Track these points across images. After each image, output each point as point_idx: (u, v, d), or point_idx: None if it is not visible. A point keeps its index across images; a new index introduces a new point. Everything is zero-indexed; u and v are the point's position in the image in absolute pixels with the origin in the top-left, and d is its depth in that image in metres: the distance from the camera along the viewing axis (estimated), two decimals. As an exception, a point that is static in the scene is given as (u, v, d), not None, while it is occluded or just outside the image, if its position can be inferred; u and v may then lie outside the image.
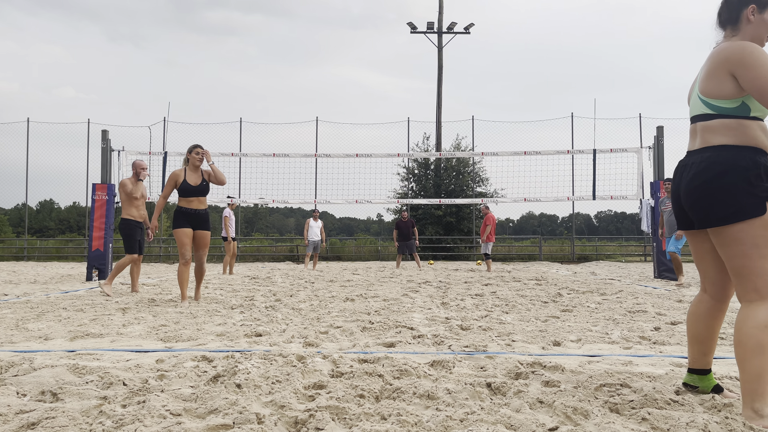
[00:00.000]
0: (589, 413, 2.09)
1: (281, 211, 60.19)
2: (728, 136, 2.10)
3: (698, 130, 2.20)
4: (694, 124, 2.23)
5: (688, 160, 2.21)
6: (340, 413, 2.12)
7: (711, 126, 2.15)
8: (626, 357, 3.20)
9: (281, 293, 7.06)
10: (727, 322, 4.33)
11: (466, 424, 1.99)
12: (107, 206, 10.24)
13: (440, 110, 23.74)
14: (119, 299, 6.31)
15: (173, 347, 3.51)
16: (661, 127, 10.73)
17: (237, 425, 1.98)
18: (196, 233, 6.02)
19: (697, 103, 2.20)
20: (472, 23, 23.80)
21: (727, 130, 2.11)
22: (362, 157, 11.94)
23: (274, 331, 4.04)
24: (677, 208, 2.29)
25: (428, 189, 22.75)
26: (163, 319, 4.74)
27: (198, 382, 2.58)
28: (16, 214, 32.54)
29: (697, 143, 2.19)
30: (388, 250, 22.44)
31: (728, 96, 2.10)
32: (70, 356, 3.17)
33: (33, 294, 7.12)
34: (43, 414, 2.05)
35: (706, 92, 2.16)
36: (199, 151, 6.09)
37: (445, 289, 7.74)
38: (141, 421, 1.99)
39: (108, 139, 10.64)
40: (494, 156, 12.04)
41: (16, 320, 4.63)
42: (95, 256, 10.08)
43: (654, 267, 10.46)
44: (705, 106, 2.17)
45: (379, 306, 5.61)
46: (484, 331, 4.11)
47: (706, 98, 2.16)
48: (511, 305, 5.73)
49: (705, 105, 2.17)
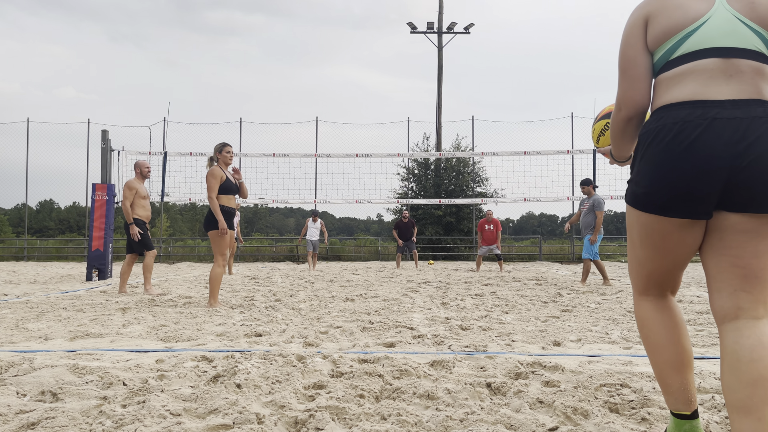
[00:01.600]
0: (589, 413, 2.09)
1: (281, 211, 60.22)
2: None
3: (747, 71, 1.50)
4: (737, 60, 1.51)
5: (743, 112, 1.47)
6: (340, 413, 2.12)
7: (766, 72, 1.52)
8: (626, 357, 3.20)
9: (281, 293, 7.06)
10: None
11: (466, 424, 1.99)
12: (107, 206, 10.23)
13: (440, 110, 23.75)
14: (119, 299, 6.30)
15: (173, 347, 3.51)
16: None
17: (237, 425, 1.98)
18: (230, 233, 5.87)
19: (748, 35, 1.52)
20: (472, 23, 23.80)
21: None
22: (362, 157, 11.94)
23: (274, 331, 4.04)
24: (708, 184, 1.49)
25: (428, 189, 22.75)
26: (163, 319, 4.74)
27: (198, 382, 2.58)
28: (16, 214, 32.55)
29: (750, 91, 1.49)
30: (388, 250, 22.44)
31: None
32: (70, 356, 3.17)
33: (33, 294, 7.12)
34: (43, 414, 2.05)
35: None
36: (230, 150, 5.88)
37: (445, 289, 7.74)
38: (141, 421, 1.99)
39: (108, 139, 10.64)
40: (494, 156, 12.06)
41: (16, 320, 4.63)
42: (95, 256, 10.08)
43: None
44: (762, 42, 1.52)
45: (379, 306, 5.61)
46: (484, 331, 4.11)
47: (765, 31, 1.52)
48: (511, 305, 5.73)
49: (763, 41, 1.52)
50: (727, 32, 1.51)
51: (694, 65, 1.53)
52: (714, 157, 1.46)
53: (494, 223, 13.26)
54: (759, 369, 1.42)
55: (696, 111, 1.49)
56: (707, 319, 4.65)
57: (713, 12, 1.53)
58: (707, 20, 1.53)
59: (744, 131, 1.45)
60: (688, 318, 4.72)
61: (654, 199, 1.55)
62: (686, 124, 1.49)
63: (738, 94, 1.48)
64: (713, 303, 1.59)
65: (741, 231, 1.51)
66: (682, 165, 1.49)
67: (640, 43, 1.61)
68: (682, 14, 1.54)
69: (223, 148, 5.87)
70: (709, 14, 1.53)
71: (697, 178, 1.48)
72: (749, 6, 1.51)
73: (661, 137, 1.53)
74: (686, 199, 1.51)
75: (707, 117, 1.47)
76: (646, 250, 1.64)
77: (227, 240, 5.69)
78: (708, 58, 1.51)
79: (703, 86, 1.51)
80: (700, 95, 1.50)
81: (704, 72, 1.51)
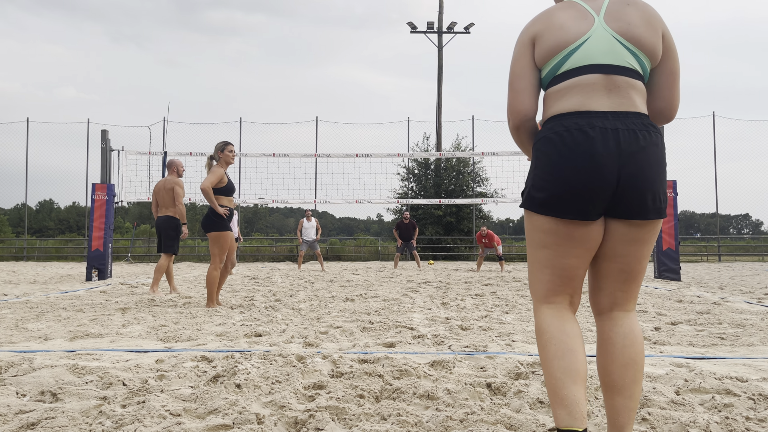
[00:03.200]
0: (589, 413, 2.09)
1: (281, 211, 60.20)
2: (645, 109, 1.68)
3: (624, 86, 1.64)
4: (615, 76, 1.64)
5: (623, 124, 1.60)
6: (340, 413, 2.11)
7: (639, 88, 1.67)
8: (626, 357, 3.20)
9: (281, 293, 7.06)
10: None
11: (466, 425, 1.99)
12: (107, 206, 10.23)
13: (440, 110, 23.75)
14: (119, 299, 6.30)
15: (173, 347, 3.51)
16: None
17: (237, 425, 1.98)
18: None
19: (624, 53, 1.65)
20: (472, 23, 23.82)
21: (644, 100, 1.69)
22: (362, 157, 11.93)
23: (273, 331, 4.03)
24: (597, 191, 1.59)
25: (428, 189, 22.75)
26: (163, 319, 4.74)
27: (198, 383, 2.58)
28: (15, 214, 32.54)
29: (628, 104, 1.64)
30: (388, 250, 22.45)
31: (657, 60, 1.70)
32: (70, 356, 3.17)
33: (33, 294, 7.12)
34: (43, 414, 2.05)
35: (643, 44, 1.66)
36: (232, 149, 5.71)
37: (445, 289, 7.74)
38: (141, 422, 1.99)
39: (108, 138, 10.64)
40: (494, 156, 12.05)
41: (16, 320, 4.63)
42: (95, 256, 10.08)
43: (654, 267, 10.46)
44: (635, 60, 1.66)
45: (379, 306, 5.61)
46: (485, 331, 4.10)
47: (639, 51, 1.66)
48: (512, 305, 5.73)
49: (635, 59, 1.66)
50: (605, 51, 1.65)
51: (578, 80, 1.65)
52: (600, 162, 1.58)
53: (489, 237, 13.51)
54: (630, 353, 1.64)
55: (582, 120, 1.62)
56: (707, 320, 4.65)
57: (593, 32, 1.66)
58: (587, 39, 1.66)
59: (624, 141, 1.58)
60: (688, 318, 4.72)
61: (549, 202, 1.64)
62: (574, 132, 1.61)
63: (617, 106, 1.62)
64: (593, 297, 1.76)
65: (629, 240, 1.66)
66: (571, 169, 1.60)
67: (526, 60, 1.73)
68: (565, 34, 1.67)
69: (225, 147, 5.67)
70: (589, 33, 1.66)
71: (585, 180, 1.59)
72: (625, 26, 1.65)
73: (551, 145, 1.64)
74: (577, 201, 1.60)
75: (593, 126, 1.60)
76: (545, 252, 1.70)
77: (227, 241, 5.61)
78: (590, 73, 1.65)
79: (587, 98, 1.64)
80: (584, 106, 1.63)
81: (587, 86, 1.65)
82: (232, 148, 5.72)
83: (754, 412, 2.13)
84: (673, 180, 10.29)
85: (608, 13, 1.67)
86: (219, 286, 5.66)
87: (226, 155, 5.66)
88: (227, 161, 5.67)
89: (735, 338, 3.79)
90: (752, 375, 2.77)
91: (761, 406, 2.20)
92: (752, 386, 2.45)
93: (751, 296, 6.84)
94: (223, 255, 5.63)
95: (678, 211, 10.44)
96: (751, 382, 2.56)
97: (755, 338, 3.77)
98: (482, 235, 13.64)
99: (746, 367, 2.98)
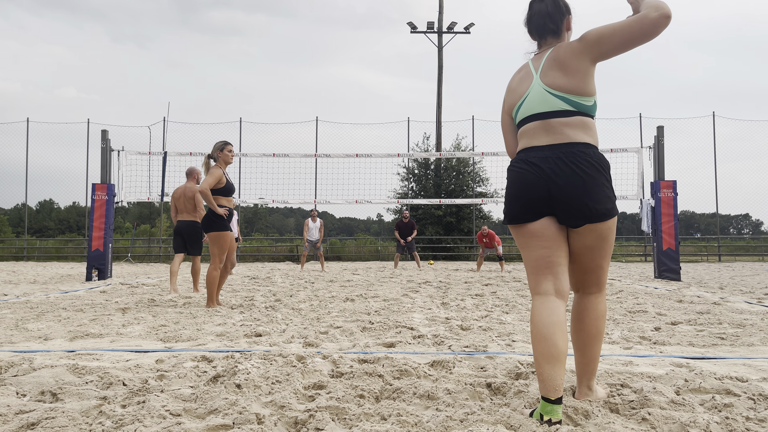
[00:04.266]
0: (589, 413, 2.09)
1: (281, 211, 60.18)
2: (588, 135, 2.16)
3: (557, 126, 2.16)
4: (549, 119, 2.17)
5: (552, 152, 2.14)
6: (340, 413, 2.11)
7: (571, 123, 2.16)
8: (626, 357, 3.20)
9: (281, 293, 7.06)
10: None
11: (466, 425, 1.99)
12: (107, 206, 10.23)
13: (440, 110, 23.75)
14: (119, 299, 6.30)
15: (173, 347, 3.51)
16: (662, 127, 10.73)
17: (237, 425, 1.97)
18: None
19: (554, 101, 2.16)
20: (472, 23, 23.81)
21: (586, 128, 2.16)
22: (362, 157, 11.92)
23: (274, 332, 4.03)
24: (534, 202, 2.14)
25: (428, 189, 22.75)
26: (163, 319, 4.74)
27: (198, 383, 2.58)
28: (15, 214, 32.53)
29: (560, 138, 2.15)
30: (388, 250, 22.45)
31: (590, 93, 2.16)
32: (70, 356, 3.17)
33: (33, 294, 7.12)
34: (43, 414, 2.05)
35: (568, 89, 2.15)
36: (231, 149, 5.68)
37: (445, 290, 7.73)
38: (141, 422, 1.99)
39: (108, 139, 10.64)
40: (494, 156, 12.03)
41: (16, 320, 4.63)
42: (95, 256, 10.08)
43: (654, 267, 10.46)
44: (565, 102, 2.15)
45: (379, 306, 5.61)
46: (485, 331, 4.10)
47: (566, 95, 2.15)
48: (512, 305, 5.73)
49: (565, 102, 2.15)
50: (540, 102, 2.20)
51: (526, 126, 2.25)
52: (532, 181, 2.15)
53: (490, 236, 13.54)
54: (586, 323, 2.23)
55: (525, 154, 2.22)
56: (707, 320, 4.65)
57: (531, 89, 2.23)
58: (527, 96, 2.24)
59: (549, 167, 2.13)
60: (688, 318, 4.72)
61: (514, 214, 2.20)
62: (522, 162, 2.21)
63: (552, 140, 2.17)
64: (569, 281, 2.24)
65: (582, 246, 2.18)
66: (517, 189, 2.19)
67: (505, 116, 2.38)
68: (515, 95, 2.30)
69: (225, 146, 5.64)
70: (528, 91, 2.24)
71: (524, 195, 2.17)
72: (552, 80, 2.18)
73: (510, 174, 2.26)
74: (524, 210, 2.17)
75: (529, 159, 2.18)
76: (525, 252, 2.21)
77: (227, 241, 5.59)
78: (532, 121, 2.22)
79: (531, 139, 2.22)
80: (528, 144, 2.23)
81: (531, 130, 2.23)
82: (231, 148, 5.72)
83: (754, 412, 2.13)
84: (673, 180, 10.29)
85: (543, 71, 2.21)
86: (219, 286, 5.66)
87: (225, 155, 5.64)
88: (226, 161, 5.66)
89: (735, 338, 3.79)
90: (752, 375, 2.77)
91: (761, 406, 2.20)
92: (752, 386, 2.45)
93: (751, 296, 6.84)
94: (222, 255, 5.62)
95: (678, 211, 10.44)
96: (752, 382, 2.56)
97: (755, 338, 3.77)
98: (483, 234, 13.70)
99: (746, 367, 2.98)
